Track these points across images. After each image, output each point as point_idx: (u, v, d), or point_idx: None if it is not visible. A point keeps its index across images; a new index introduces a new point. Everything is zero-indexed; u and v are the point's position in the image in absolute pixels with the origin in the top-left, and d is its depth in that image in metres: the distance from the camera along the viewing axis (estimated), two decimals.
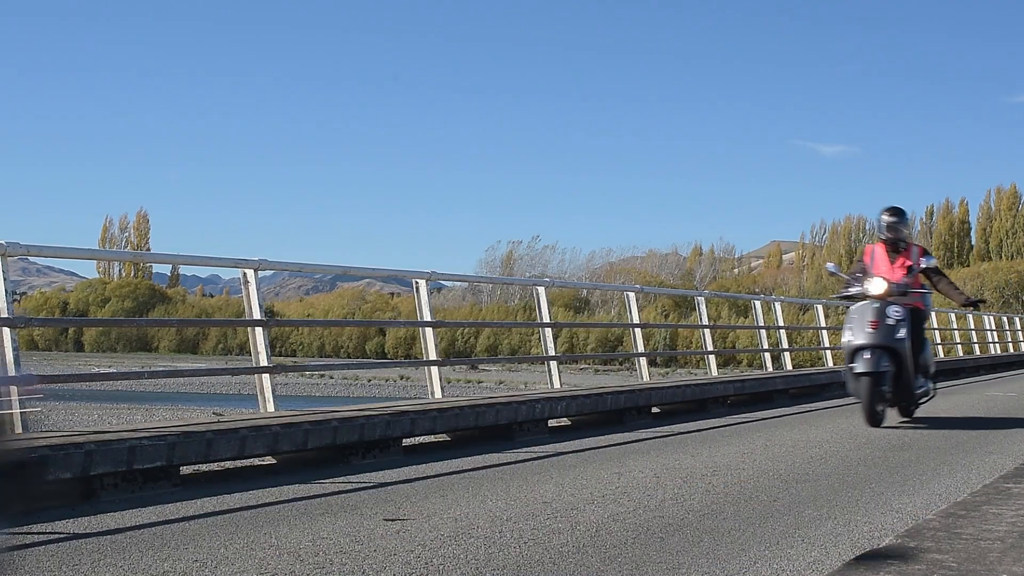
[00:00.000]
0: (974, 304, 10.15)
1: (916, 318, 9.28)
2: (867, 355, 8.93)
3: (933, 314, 24.03)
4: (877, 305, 9.09)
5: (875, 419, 9.04)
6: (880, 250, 9.55)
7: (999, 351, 27.60)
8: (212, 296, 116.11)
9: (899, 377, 9.09)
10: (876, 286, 9.22)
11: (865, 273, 9.46)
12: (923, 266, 9.44)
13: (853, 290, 9.44)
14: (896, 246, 9.50)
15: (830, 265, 10.05)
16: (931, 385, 9.74)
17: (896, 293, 9.17)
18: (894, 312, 9.03)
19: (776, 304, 17.07)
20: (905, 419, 9.79)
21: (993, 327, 29.09)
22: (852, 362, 9.07)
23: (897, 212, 9.53)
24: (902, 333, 8.99)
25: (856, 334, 9.06)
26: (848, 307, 9.71)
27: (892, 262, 9.41)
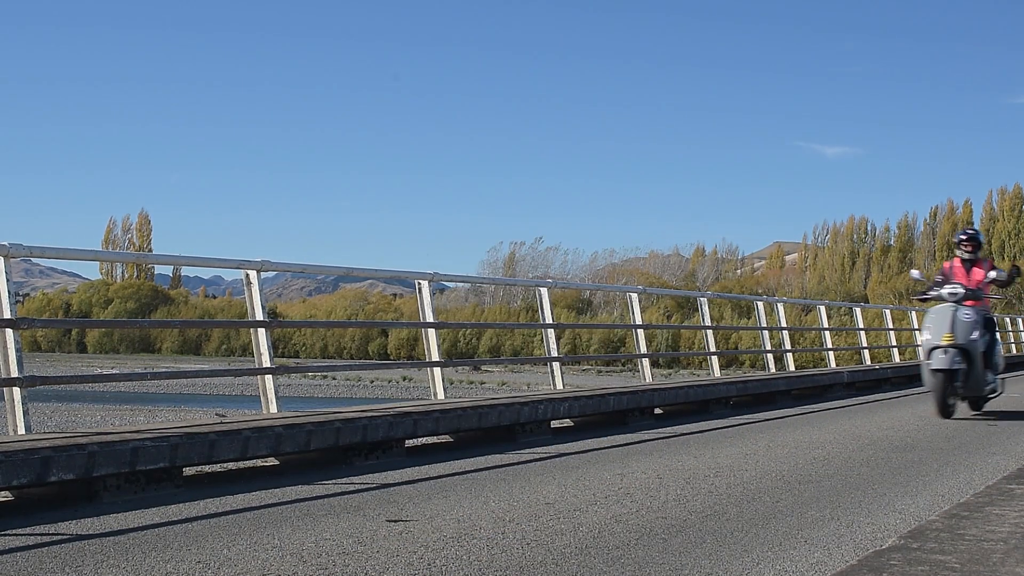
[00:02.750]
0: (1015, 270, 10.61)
1: (987, 321, 10.32)
2: (942, 353, 9.91)
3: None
4: (953, 308, 10.10)
5: (946, 412, 10.03)
6: (957, 263, 10.75)
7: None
8: (215, 297, 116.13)
9: (970, 374, 10.04)
10: (952, 291, 10.33)
11: (945, 280, 10.56)
12: (993, 277, 10.51)
13: (932, 294, 10.58)
14: (971, 260, 10.66)
15: (915, 272, 11.71)
16: (999, 381, 10.71)
17: (971, 299, 10.25)
18: (965, 315, 10.03)
19: (779, 305, 17.06)
20: (976, 412, 10.80)
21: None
22: (928, 359, 10.04)
23: (972, 233, 10.80)
24: (975, 334, 10.00)
25: (934, 334, 10.07)
26: (927, 310, 10.76)
27: (968, 273, 10.56)
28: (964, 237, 10.78)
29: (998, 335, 10.98)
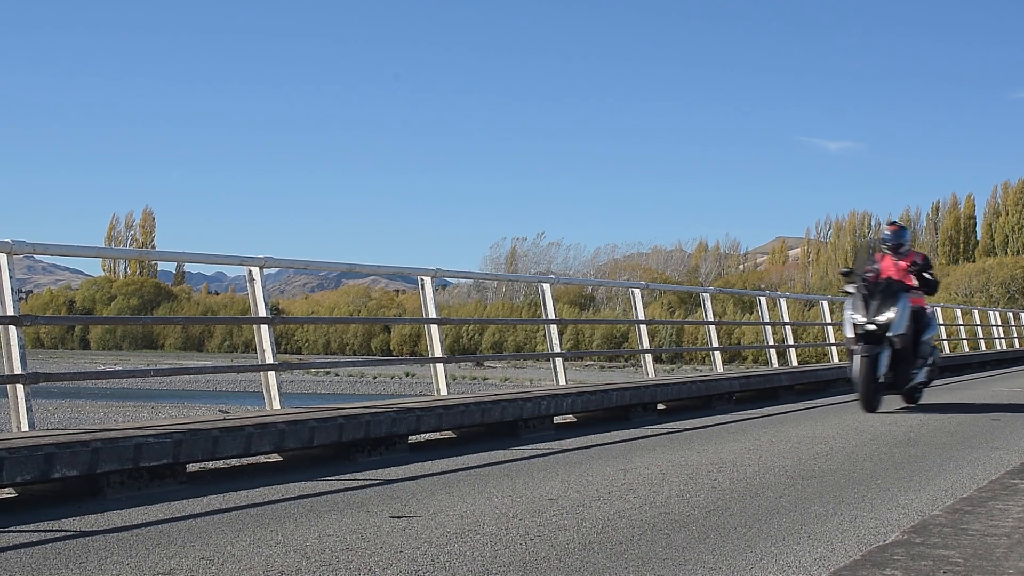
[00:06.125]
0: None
1: (916, 312, 10.52)
2: (862, 341, 10.10)
3: (939, 310, 26.27)
4: (877, 301, 10.23)
5: (871, 405, 10.17)
6: (884, 256, 10.98)
7: (1005, 347, 27.55)
8: (217, 294, 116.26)
9: (897, 364, 10.18)
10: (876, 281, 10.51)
11: (872, 272, 10.70)
12: (918, 269, 10.64)
13: (851, 288, 10.55)
14: (898, 252, 10.87)
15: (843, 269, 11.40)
16: (924, 376, 10.88)
17: (897, 290, 10.30)
18: (894, 304, 10.17)
19: (781, 300, 17.05)
20: (910, 405, 10.98)
21: (999, 323, 29.04)
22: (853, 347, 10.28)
23: (897, 225, 11.16)
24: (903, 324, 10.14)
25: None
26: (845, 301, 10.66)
27: (895, 264, 10.79)
28: (891, 230, 11.28)
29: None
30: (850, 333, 10.20)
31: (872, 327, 10.02)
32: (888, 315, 10.03)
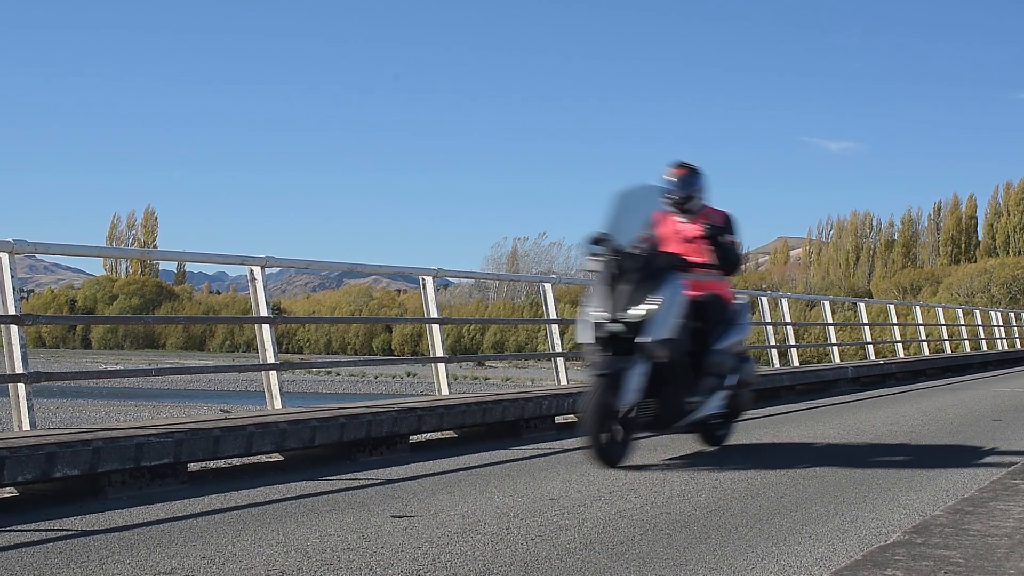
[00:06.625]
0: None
1: (704, 305, 6.74)
2: (607, 351, 6.24)
3: (785, 302, 22.21)
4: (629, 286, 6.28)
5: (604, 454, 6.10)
6: (666, 216, 7.03)
7: (1006, 347, 27.54)
8: (219, 293, 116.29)
9: (663, 388, 6.34)
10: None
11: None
12: (711, 233, 6.80)
13: (597, 265, 6.45)
14: (685, 210, 7.04)
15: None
16: (720, 404, 6.90)
17: (663, 267, 6.41)
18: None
19: (783, 300, 17.05)
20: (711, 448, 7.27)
21: (1000, 323, 29.02)
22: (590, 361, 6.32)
23: (687, 168, 7.13)
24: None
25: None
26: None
27: (679, 229, 7.01)
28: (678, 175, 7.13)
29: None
30: (586, 338, 6.31)
31: (618, 328, 6.21)
32: (647, 307, 6.19)
